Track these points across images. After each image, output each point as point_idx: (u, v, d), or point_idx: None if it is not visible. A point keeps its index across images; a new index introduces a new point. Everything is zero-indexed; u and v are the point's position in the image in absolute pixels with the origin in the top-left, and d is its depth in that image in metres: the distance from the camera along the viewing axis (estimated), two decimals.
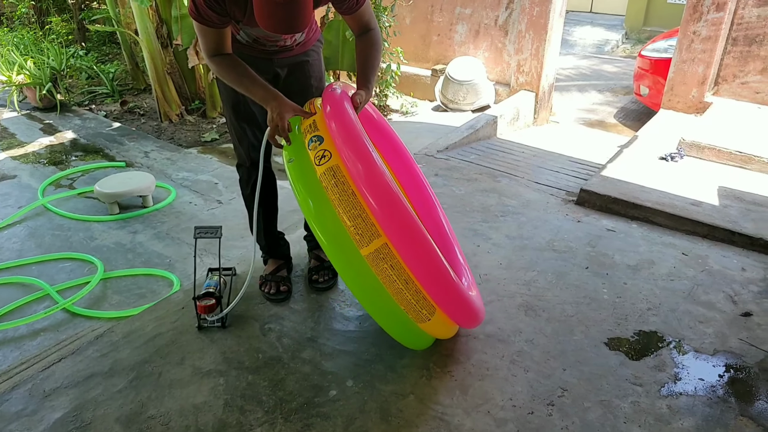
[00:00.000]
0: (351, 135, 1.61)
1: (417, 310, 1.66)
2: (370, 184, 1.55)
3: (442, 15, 5.53)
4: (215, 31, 1.74)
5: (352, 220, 1.56)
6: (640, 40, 9.73)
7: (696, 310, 2.22)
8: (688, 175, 3.39)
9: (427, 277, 1.62)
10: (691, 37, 4.31)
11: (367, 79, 1.88)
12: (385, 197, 1.55)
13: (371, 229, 1.55)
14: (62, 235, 3.32)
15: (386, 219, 1.54)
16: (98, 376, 1.90)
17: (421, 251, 1.58)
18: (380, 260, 1.57)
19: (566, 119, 5.56)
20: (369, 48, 1.92)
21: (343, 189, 1.56)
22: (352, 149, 1.59)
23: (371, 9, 1.93)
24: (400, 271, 1.59)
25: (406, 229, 1.55)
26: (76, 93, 5.94)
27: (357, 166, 1.57)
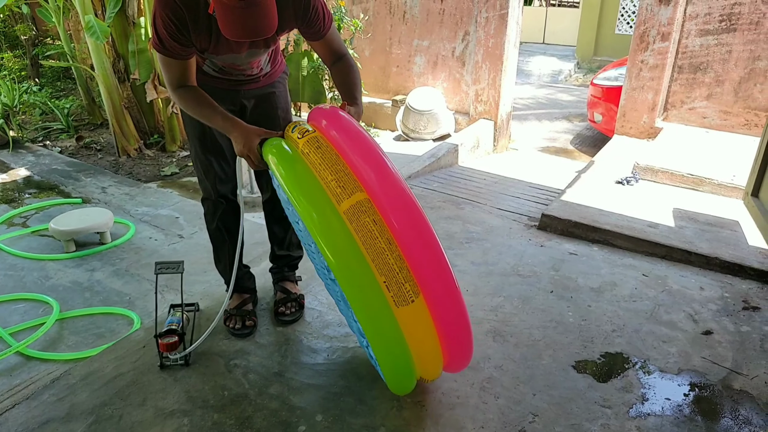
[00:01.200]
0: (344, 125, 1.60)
1: (400, 282, 1.47)
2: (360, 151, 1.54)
3: (400, 47, 5.65)
4: (179, 63, 1.73)
5: (334, 174, 1.53)
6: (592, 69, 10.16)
7: (659, 330, 2.27)
8: (644, 198, 3.51)
9: (411, 240, 1.47)
10: (640, 66, 4.53)
11: (353, 96, 1.87)
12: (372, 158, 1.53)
13: (353, 183, 1.52)
14: (15, 275, 3.18)
15: (369, 176, 1.51)
16: (55, 421, 1.80)
17: (405, 207, 1.49)
18: (361, 213, 1.48)
19: (525, 146, 5.71)
20: (348, 71, 1.91)
21: (325, 151, 1.58)
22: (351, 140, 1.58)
23: (339, 36, 1.94)
24: (382, 228, 1.48)
25: (392, 188, 1.50)
26: (29, 129, 5.78)
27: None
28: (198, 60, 1.89)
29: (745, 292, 2.55)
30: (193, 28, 1.66)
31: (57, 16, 5.39)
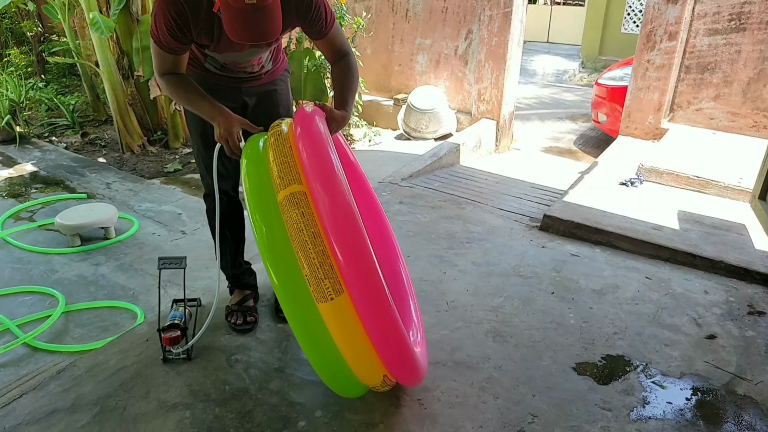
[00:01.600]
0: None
1: (319, 278, 1.43)
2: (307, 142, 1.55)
3: (402, 46, 5.65)
4: (172, 57, 1.76)
5: (279, 165, 1.55)
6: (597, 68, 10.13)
7: (661, 333, 2.27)
8: (648, 200, 3.50)
9: (337, 235, 1.43)
10: (646, 66, 4.52)
11: (344, 101, 1.88)
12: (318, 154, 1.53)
13: (294, 175, 1.52)
14: (22, 269, 3.20)
15: (311, 170, 1.51)
16: (61, 411, 1.83)
17: (339, 209, 1.45)
18: (292, 205, 1.48)
19: (528, 146, 5.70)
20: (346, 73, 1.92)
21: (280, 144, 1.60)
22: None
23: (343, 33, 1.94)
24: (309, 221, 1.46)
25: (328, 183, 1.48)
26: (35, 125, 5.81)
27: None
28: (199, 57, 1.90)
29: (751, 296, 2.54)
30: (194, 26, 1.67)
31: (62, 13, 5.41)
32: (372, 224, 2.17)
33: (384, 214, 2.22)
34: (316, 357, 1.60)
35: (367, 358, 1.56)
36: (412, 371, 1.65)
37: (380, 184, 3.82)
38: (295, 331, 1.58)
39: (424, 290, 2.52)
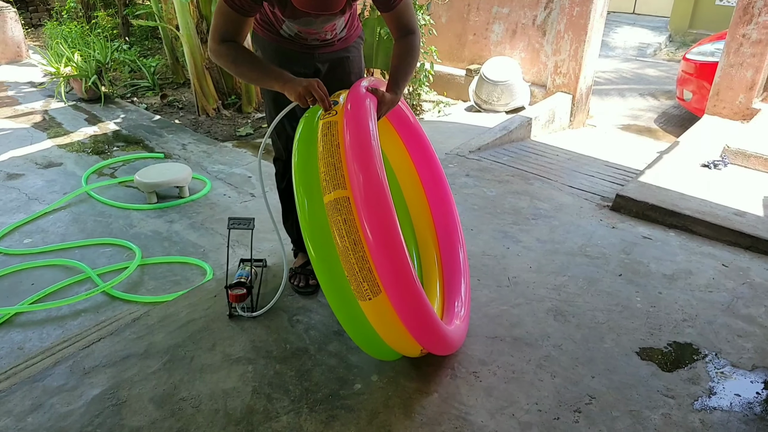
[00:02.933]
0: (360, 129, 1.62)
1: (359, 281, 1.53)
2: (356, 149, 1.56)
3: (478, 14, 5.48)
4: (238, 18, 1.70)
5: (326, 166, 1.58)
6: (685, 43, 9.45)
7: (735, 323, 2.15)
8: (731, 184, 3.28)
9: (377, 243, 1.51)
10: (740, 41, 4.17)
11: (397, 83, 1.83)
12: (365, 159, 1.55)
13: (339, 179, 1.55)
14: (103, 222, 3.43)
15: (356, 175, 1.53)
16: (134, 357, 1.96)
17: (380, 216, 1.51)
18: (336, 211, 1.53)
19: (604, 123, 5.45)
20: (406, 54, 1.87)
21: (328, 140, 1.62)
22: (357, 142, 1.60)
23: (413, 10, 1.89)
24: (351, 228, 1.51)
25: (371, 190, 1.52)
26: (119, 86, 6.12)
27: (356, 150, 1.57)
28: (274, 23, 1.92)
29: None
30: None
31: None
32: (434, 194, 2.17)
33: (446, 183, 2.20)
34: (356, 335, 1.73)
35: (405, 341, 1.67)
36: (445, 347, 1.80)
37: (447, 155, 3.78)
38: (338, 317, 1.69)
39: (485, 264, 2.49)
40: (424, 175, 2.16)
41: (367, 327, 1.64)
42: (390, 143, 2.11)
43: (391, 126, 2.08)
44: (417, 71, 5.13)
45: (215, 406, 1.74)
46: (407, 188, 2.17)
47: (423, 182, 2.16)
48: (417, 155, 2.14)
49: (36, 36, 8.52)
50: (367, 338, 1.71)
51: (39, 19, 8.91)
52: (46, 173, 4.06)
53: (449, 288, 2.06)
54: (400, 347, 1.72)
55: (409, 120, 2.10)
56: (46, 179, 3.96)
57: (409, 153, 2.13)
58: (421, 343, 1.69)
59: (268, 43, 1.98)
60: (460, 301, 2.01)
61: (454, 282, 2.06)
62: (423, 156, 2.14)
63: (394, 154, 2.13)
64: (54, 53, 5.71)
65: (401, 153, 2.13)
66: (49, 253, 3.09)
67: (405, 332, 1.62)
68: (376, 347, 1.75)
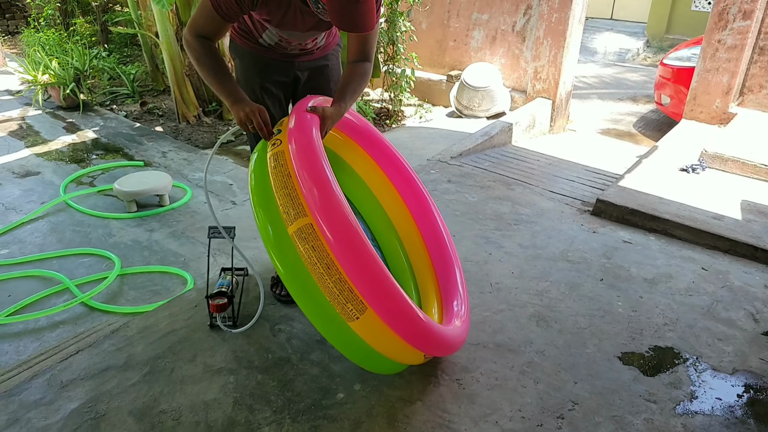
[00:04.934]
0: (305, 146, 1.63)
1: (342, 303, 1.52)
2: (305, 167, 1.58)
3: (458, 20, 5.52)
4: (220, 21, 1.70)
5: (283, 198, 1.59)
6: (662, 48, 9.62)
7: (715, 327, 2.17)
8: (709, 188, 3.33)
9: (349, 262, 1.50)
10: (716, 46, 4.25)
11: (343, 98, 1.81)
12: (317, 181, 1.56)
13: (298, 208, 1.55)
14: (82, 231, 3.37)
15: (312, 200, 1.54)
16: (113, 369, 1.93)
17: (345, 234, 1.51)
18: (302, 240, 1.53)
19: (584, 128, 5.50)
20: (359, 76, 1.85)
21: (280, 171, 1.62)
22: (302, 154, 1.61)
23: (375, 42, 1.89)
24: (321, 254, 1.51)
25: (330, 211, 1.53)
26: (98, 93, 6.04)
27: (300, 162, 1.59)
28: (253, 31, 1.90)
29: None
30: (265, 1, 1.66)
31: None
32: (412, 200, 2.16)
33: (420, 184, 2.18)
34: (357, 358, 1.73)
35: (404, 351, 1.66)
36: (449, 349, 1.81)
37: (429, 162, 3.78)
38: (331, 341, 1.69)
39: (468, 270, 2.49)
40: (396, 181, 2.15)
41: (365, 347, 1.63)
42: (355, 157, 2.11)
43: (352, 140, 2.09)
44: (398, 77, 5.15)
45: (196, 419, 1.72)
46: (384, 198, 2.16)
47: (397, 188, 2.16)
48: (384, 163, 2.14)
49: (13, 43, 8.39)
50: (369, 358, 1.70)
51: (16, 27, 8.78)
52: (23, 182, 3.98)
53: (445, 289, 2.05)
54: (403, 358, 1.72)
55: (360, 126, 2.11)
56: (23, 188, 3.88)
57: (377, 163, 2.13)
58: (420, 349, 1.67)
59: (246, 51, 1.96)
60: (458, 300, 2.00)
61: (450, 282, 2.06)
62: (390, 163, 2.14)
63: (362, 166, 2.13)
64: (31, 61, 5.62)
65: (369, 165, 2.13)
66: (26, 263, 3.03)
67: (401, 342, 1.61)
68: (380, 364, 1.74)
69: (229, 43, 2.06)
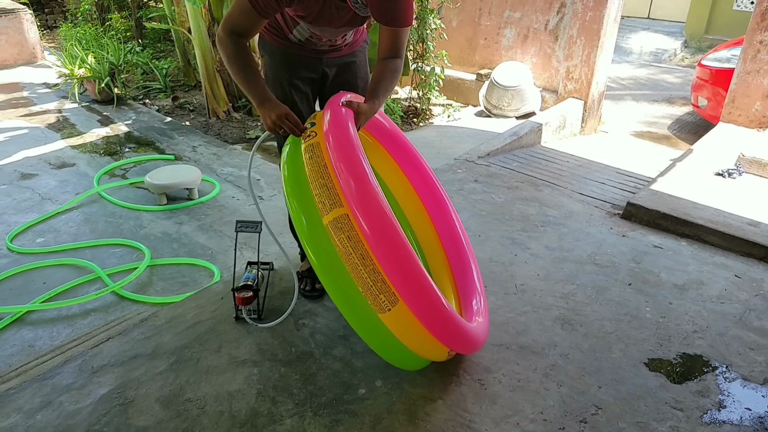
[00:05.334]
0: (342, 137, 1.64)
1: (375, 294, 1.53)
2: (344, 164, 1.58)
3: (490, 18, 5.47)
4: (256, 17, 1.70)
5: (319, 188, 1.59)
6: (701, 48, 9.36)
7: (747, 335, 2.11)
8: (746, 194, 3.24)
9: (384, 254, 1.51)
10: (758, 47, 4.12)
11: (376, 95, 1.81)
12: (354, 173, 1.56)
13: (334, 198, 1.56)
14: (114, 222, 3.46)
15: (349, 190, 1.54)
16: (142, 357, 1.98)
17: (381, 225, 1.52)
18: (338, 230, 1.54)
19: (617, 129, 5.40)
20: (391, 73, 1.84)
21: (316, 162, 1.63)
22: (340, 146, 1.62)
23: (407, 39, 1.89)
24: (356, 244, 1.52)
25: (367, 202, 1.53)
26: (131, 87, 6.18)
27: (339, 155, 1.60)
28: (284, 28, 1.92)
29: None
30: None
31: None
32: (429, 198, 2.16)
33: (439, 185, 2.18)
34: (383, 352, 1.74)
35: (431, 346, 1.67)
36: (471, 345, 1.79)
37: (456, 161, 3.76)
38: (361, 334, 1.69)
39: (492, 271, 2.47)
40: (415, 182, 2.15)
41: (392, 340, 1.64)
42: (375, 155, 2.11)
43: (374, 138, 2.10)
44: (427, 75, 5.13)
45: (220, 408, 1.75)
46: (402, 198, 2.17)
47: (416, 189, 2.16)
48: (404, 163, 2.14)
49: (51, 38, 8.63)
50: (396, 352, 1.71)
51: (54, 21, 9.03)
52: (59, 173, 4.10)
53: (463, 288, 2.05)
54: (428, 353, 1.72)
55: (389, 129, 2.11)
56: (59, 179, 4.00)
57: (396, 161, 2.13)
58: (446, 344, 1.68)
59: (275, 47, 1.98)
60: (477, 298, 2.00)
61: (468, 281, 2.06)
62: (410, 163, 2.14)
63: (381, 165, 2.13)
64: (68, 55, 5.78)
65: (388, 163, 2.14)
66: (60, 252, 3.12)
67: (429, 337, 1.62)
68: (405, 359, 1.75)
69: (258, 40, 2.07)
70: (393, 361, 1.79)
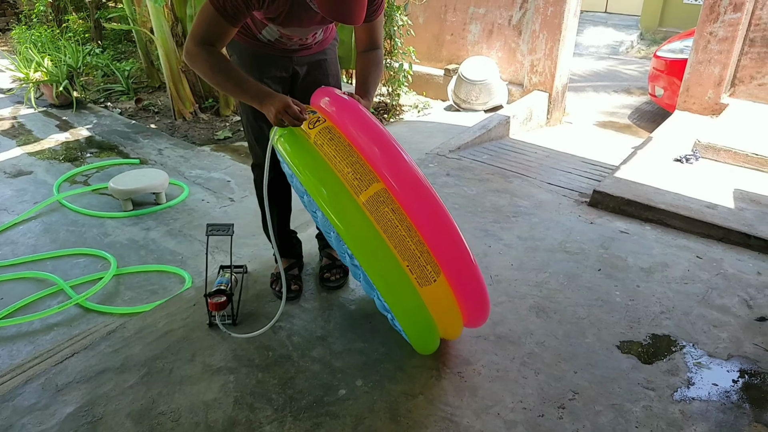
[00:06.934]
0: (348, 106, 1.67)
1: (422, 265, 1.57)
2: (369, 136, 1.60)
3: (455, 14, 5.51)
4: (224, 24, 1.64)
5: (351, 166, 1.60)
6: (656, 40, 9.64)
7: (710, 314, 2.19)
8: (703, 178, 3.35)
9: (431, 224, 1.56)
10: (708, 38, 4.26)
11: (367, 90, 1.85)
12: (384, 149, 1.59)
13: (369, 174, 1.57)
14: (76, 231, 3.35)
15: (383, 164, 1.56)
16: (110, 371, 1.91)
17: (421, 193, 1.56)
18: (380, 204, 1.55)
19: (580, 120, 5.51)
20: (374, 65, 1.89)
21: (338, 142, 1.64)
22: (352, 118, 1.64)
23: (383, 29, 1.93)
24: (401, 217, 1.54)
25: (406, 174, 1.56)
26: (92, 90, 6.00)
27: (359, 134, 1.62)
28: (253, 28, 1.89)
29: None
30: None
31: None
32: None
33: None
34: (416, 331, 1.76)
35: (457, 321, 1.76)
36: (487, 314, 1.86)
37: (427, 155, 3.78)
38: (399, 316, 1.70)
39: None
40: None
41: (423, 314, 1.67)
42: None
43: None
44: (396, 72, 5.14)
45: (196, 419, 1.71)
46: None
47: None
48: None
49: (3, 41, 8.32)
50: (422, 328, 1.73)
51: (6, 23, 8.71)
52: (15, 182, 3.96)
53: None
54: (451, 329, 1.80)
55: None
56: (15, 188, 3.86)
57: None
58: (473, 313, 1.76)
59: (244, 47, 1.95)
60: None
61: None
62: None
63: None
64: (23, 58, 5.58)
65: None
66: (19, 265, 3.00)
67: (458, 312, 1.72)
68: (428, 337, 1.77)
69: None
70: (416, 340, 1.78)
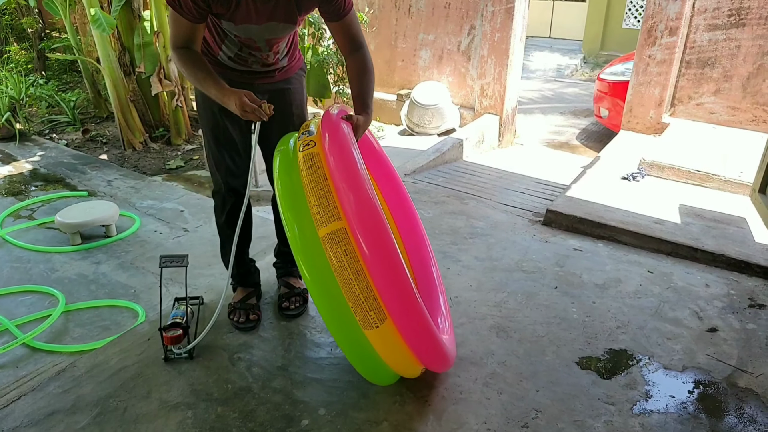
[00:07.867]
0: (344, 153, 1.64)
1: (365, 310, 1.54)
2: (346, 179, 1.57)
3: (405, 41, 5.63)
4: (187, 24, 1.72)
5: (317, 199, 1.58)
6: (598, 63, 10.10)
7: (663, 327, 2.26)
8: (650, 194, 3.49)
9: (380, 272, 1.53)
10: (647, 61, 4.50)
11: (365, 103, 1.86)
12: (355, 188, 1.56)
13: (333, 211, 1.55)
14: (21, 268, 3.20)
15: (350, 205, 1.54)
16: (60, 413, 1.82)
17: (379, 244, 1.53)
18: (335, 243, 1.53)
19: (530, 141, 5.69)
20: (364, 71, 1.89)
21: (315, 172, 1.62)
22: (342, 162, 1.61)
23: (359, 24, 1.92)
24: (352, 259, 1.52)
25: (368, 218, 1.54)
26: (36, 122, 5.80)
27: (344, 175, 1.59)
28: (214, 47, 1.88)
29: (751, 289, 2.53)
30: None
31: (63, 9, 5.40)
32: (401, 215, 2.20)
33: (411, 203, 2.23)
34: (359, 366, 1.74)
35: (410, 363, 1.71)
36: (447, 365, 1.84)
37: None
38: (342, 348, 1.69)
39: None
40: (389, 198, 2.18)
41: (373, 357, 1.65)
42: None
43: None
44: (349, 97, 5.18)
45: None
46: None
47: (389, 205, 2.18)
48: (381, 178, 2.16)
49: None
50: (374, 367, 1.71)
51: None
52: None
53: (429, 305, 2.06)
54: (404, 369, 1.76)
55: (373, 145, 2.14)
56: None
57: (373, 176, 2.14)
58: (426, 363, 1.73)
59: None
60: (442, 317, 2.02)
61: (433, 299, 2.08)
62: (387, 179, 2.17)
63: None
64: None
65: None
66: None
67: (409, 355, 1.66)
68: (381, 374, 1.76)
69: None
70: (369, 376, 1.78)
